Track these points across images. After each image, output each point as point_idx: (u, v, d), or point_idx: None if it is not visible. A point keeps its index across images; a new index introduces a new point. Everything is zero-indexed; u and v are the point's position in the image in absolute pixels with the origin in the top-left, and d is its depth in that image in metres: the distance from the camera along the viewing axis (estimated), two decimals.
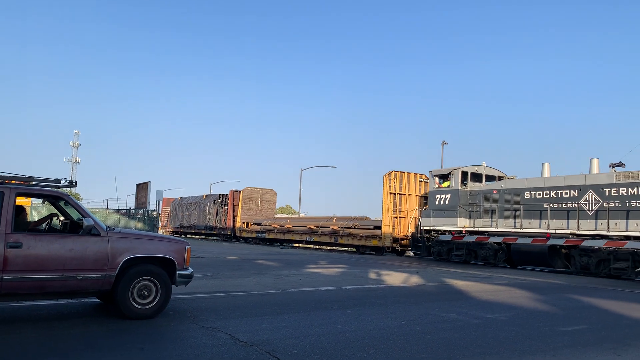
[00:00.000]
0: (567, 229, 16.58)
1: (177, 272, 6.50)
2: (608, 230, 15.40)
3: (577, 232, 16.24)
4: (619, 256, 15.13)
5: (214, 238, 40.32)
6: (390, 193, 24.47)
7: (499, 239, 18.56)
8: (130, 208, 46.27)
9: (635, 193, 15.11)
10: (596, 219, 15.92)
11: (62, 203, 6.50)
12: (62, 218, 6.86)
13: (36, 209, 34.77)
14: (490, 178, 21.10)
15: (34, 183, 6.18)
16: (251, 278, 11.38)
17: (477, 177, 20.90)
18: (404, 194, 24.96)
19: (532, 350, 5.29)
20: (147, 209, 43.25)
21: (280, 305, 7.66)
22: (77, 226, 6.29)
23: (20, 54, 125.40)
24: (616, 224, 15.41)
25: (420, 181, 25.45)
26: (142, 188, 46.93)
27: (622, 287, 12.58)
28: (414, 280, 12.43)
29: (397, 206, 24.67)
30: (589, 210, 16.23)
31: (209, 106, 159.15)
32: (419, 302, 8.72)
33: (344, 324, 6.41)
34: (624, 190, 15.40)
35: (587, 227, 16.11)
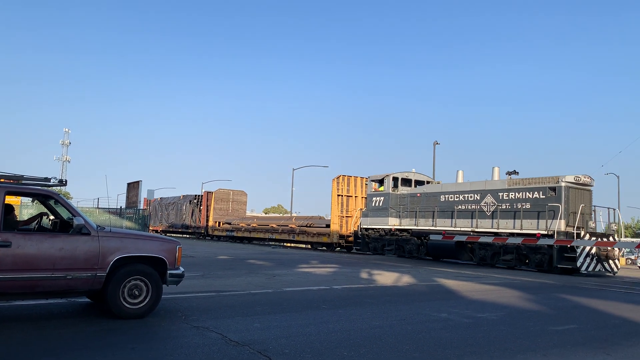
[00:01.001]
0: (470, 227, 19.59)
1: (168, 272, 6.46)
2: (498, 228, 18.58)
3: (477, 230, 19.25)
4: (507, 250, 18.24)
5: (190, 236, 42.05)
6: (338, 195, 27.45)
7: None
8: (121, 207, 46.14)
9: (521, 197, 18.12)
10: (492, 218, 18.97)
11: (52, 202, 6.44)
12: (52, 217, 6.80)
13: (26, 208, 34.46)
14: (419, 183, 24.24)
15: (24, 182, 6.13)
16: (243, 277, 11.36)
17: (407, 182, 24.08)
18: (350, 196, 27.90)
19: (522, 350, 5.32)
20: (138, 208, 43.17)
21: (271, 305, 7.65)
22: (67, 225, 6.24)
23: (11, 53, 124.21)
24: (506, 223, 18.48)
25: (366, 184, 27.18)
26: (133, 187, 46.82)
27: (603, 286, 12.69)
28: (406, 280, 12.46)
29: (345, 206, 27.58)
30: (487, 211, 19.31)
31: (203, 105, 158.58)
32: (410, 301, 8.75)
33: (336, 323, 6.41)
34: (512, 194, 18.45)
35: (485, 225, 19.15)
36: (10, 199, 6.74)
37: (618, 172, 50.24)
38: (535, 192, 17.73)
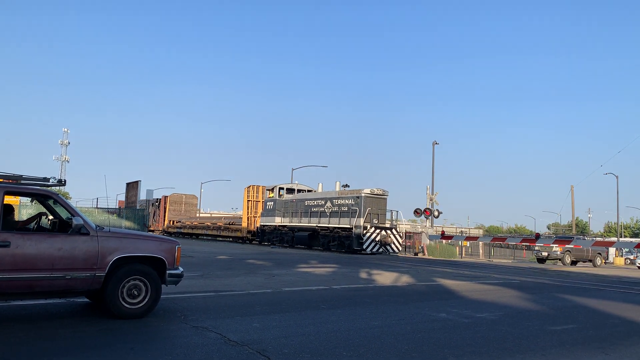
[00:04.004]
0: (317, 224, 27.51)
1: (167, 272, 6.45)
2: (329, 224, 26.66)
3: (320, 225, 27.37)
4: (335, 239, 26.14)
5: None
6: (248, 200, 35.39)
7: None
8: (119, 207, 46.40)
9: (343, 203, 25.93)
10: (329, 217, 26.79)
11: (51, 202, 6.43)
12: (51, 217, 6.78)
13: (25, 208, 34.43)
14: (300, 191, 31.59)
15: (23, 181, 6.11)
16: (242, 277, 11.35)
17: (291, 190, 31.66)
18: (258, 201, 35.65)
19: (521, 350, 5.33)
20: (137, 207, 43.50)
21: (271, 305, 7.65)
22: (66, 225, 6.22)
23: (11, 53, 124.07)
24: (335, 220, 26.24)
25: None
26: (132, 187, 47.28)
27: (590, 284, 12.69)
28: (405, 279, 12.47)
29: (254, 209, 35.42)
30: (327, 212, 27.02)
31: (203, 106, 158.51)
32: (409, 301, 8.75)
33: (335, 323, 6.41)
34: (340, 201, 26.28)
35: (325, 222, 27.05)
36: (9, 199, 6.73)
37: (617, 173, 50.27)
38: (349, 200, 25.55)
